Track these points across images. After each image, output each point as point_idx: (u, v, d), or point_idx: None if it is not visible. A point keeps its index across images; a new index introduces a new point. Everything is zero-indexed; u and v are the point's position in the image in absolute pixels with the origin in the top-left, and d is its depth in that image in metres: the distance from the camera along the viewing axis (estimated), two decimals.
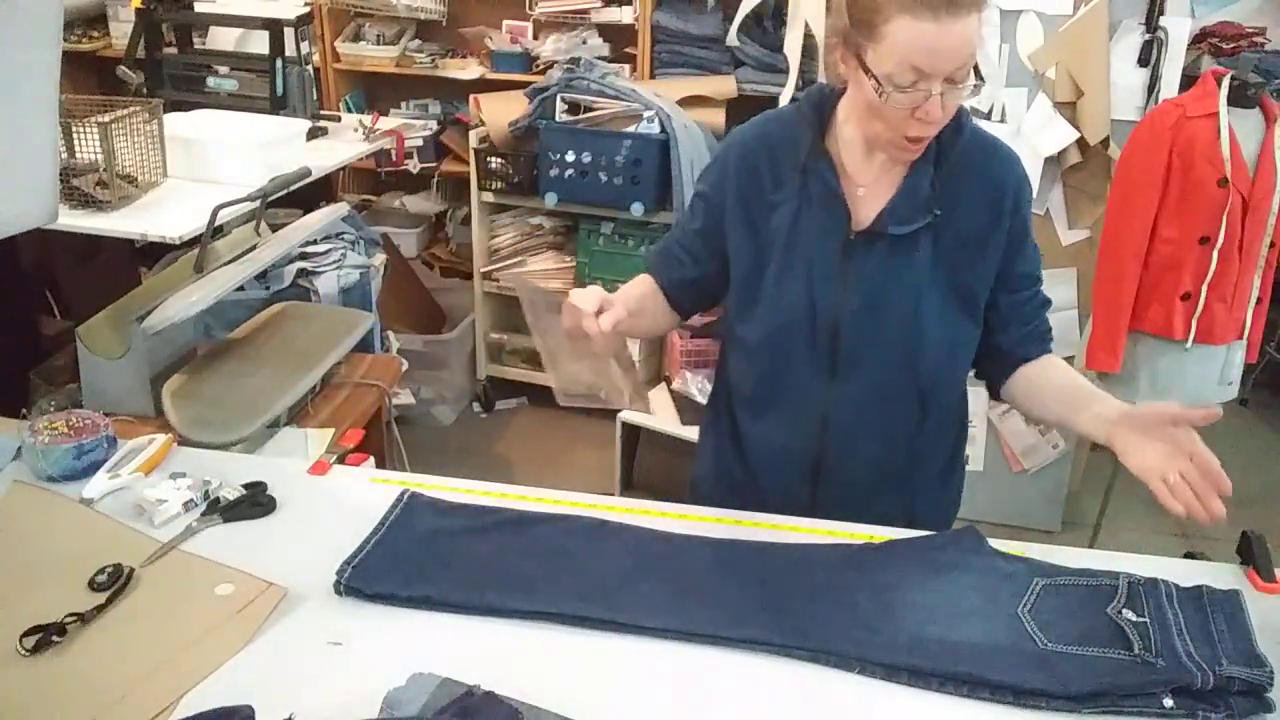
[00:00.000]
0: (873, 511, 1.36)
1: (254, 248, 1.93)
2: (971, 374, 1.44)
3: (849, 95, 1.28)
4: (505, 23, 3.87)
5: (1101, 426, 1.23)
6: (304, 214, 2.26)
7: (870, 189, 1.31)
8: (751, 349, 1.38)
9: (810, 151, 1.31)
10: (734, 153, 1.37)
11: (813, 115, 1.32)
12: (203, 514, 1.31)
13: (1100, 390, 1.31)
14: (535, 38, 3.82)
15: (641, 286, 1.46)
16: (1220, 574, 1.22)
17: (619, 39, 3.74)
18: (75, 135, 2.28)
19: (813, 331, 1.32)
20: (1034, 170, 2.73)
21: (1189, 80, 2.55)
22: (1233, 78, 2.31)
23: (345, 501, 1.35)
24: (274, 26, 3.07)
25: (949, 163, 1.29)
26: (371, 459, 1.54)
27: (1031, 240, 1.36)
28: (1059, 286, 2.86)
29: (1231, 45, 2.75)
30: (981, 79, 1.19)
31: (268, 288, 2.34)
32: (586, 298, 1.21)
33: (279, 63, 3.09)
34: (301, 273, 2.39)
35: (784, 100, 3.17)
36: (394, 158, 3.33)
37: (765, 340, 1.35)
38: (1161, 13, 2.61)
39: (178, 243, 2.16)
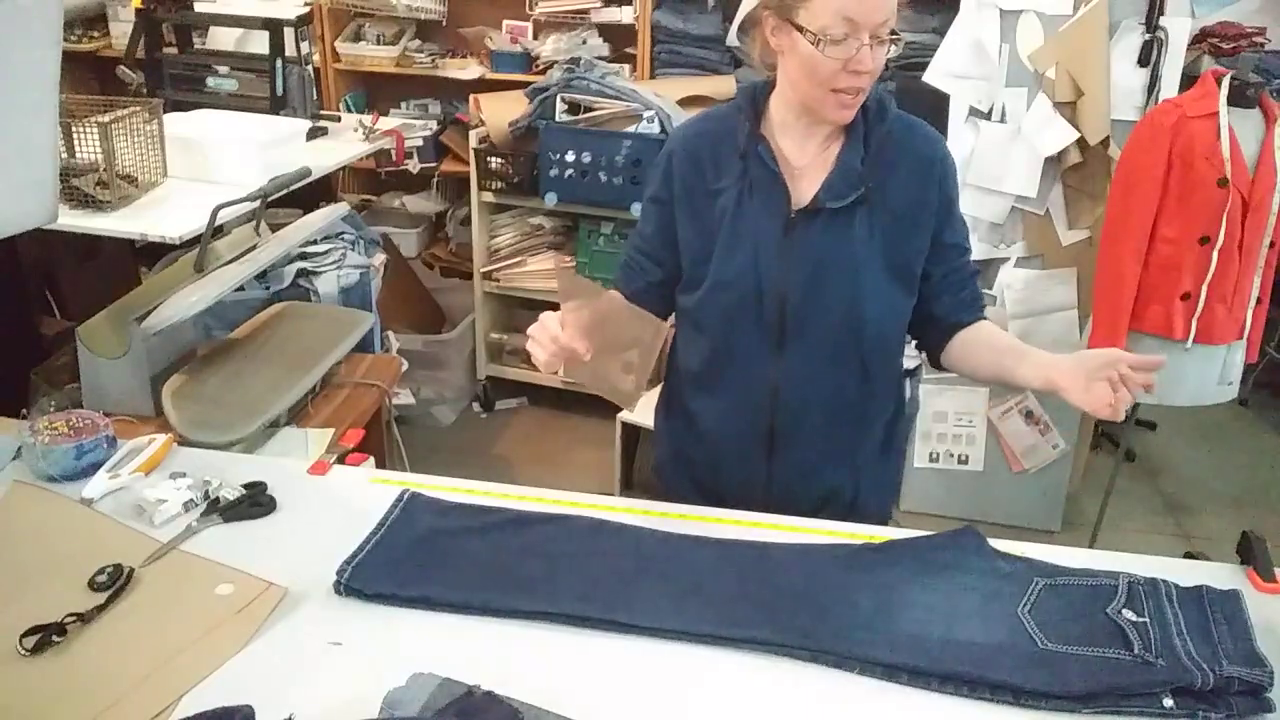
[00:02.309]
0: (823, 484, 1.47)
1: (254, 248, 1.93)
2: (920, 354, 1.54)
3: (782, 72, 1.37)
4: (505, 23, 3.87)
5: (1040, 371, 1.31)
6: (304, 214, 2.26)
7: (807, 170, 1.40)
8: (702, 326, 1.46)
9: (750, 138, 1.40)
10: (676, 150, 1.46)
11: (748, 107, 1.42)
12: (203, 514, 1.31)
13: (1031, 346, 1.39)
14: (535, 38, 3.82)
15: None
16: (1220, 574, 1.22)
17: (619, 39, 3.75)
18: (75, 135, 2.28)
19: (760, 306, 1.40)
20: (1034, 170, 2.73)
21: (1189, 80, 2.55)
22: (1233, 78, 2.31)
23: (345, 501, 1.35)
24: (274, 26, 3.07)
25: (877, 141, 1.39)
26: (371, 459, 1.54)
27: (958, 213, 1.45)
28: (1059, 286, 2.86)
29: (1231, 45, 2.75)
30: (899, 35, 1.29)
31: (268, 288, 2.34)
32: (544, 327, 1.27)
33: (279, 63, 3.09)
34: (301, 273, 2.39)
35: None
36: (394, 158, 3.33)
37: (714, 318, 1.43)
38: (1161, 13, 2.60)
39: (178, 243, 2.16)
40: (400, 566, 1.19)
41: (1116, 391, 1.20)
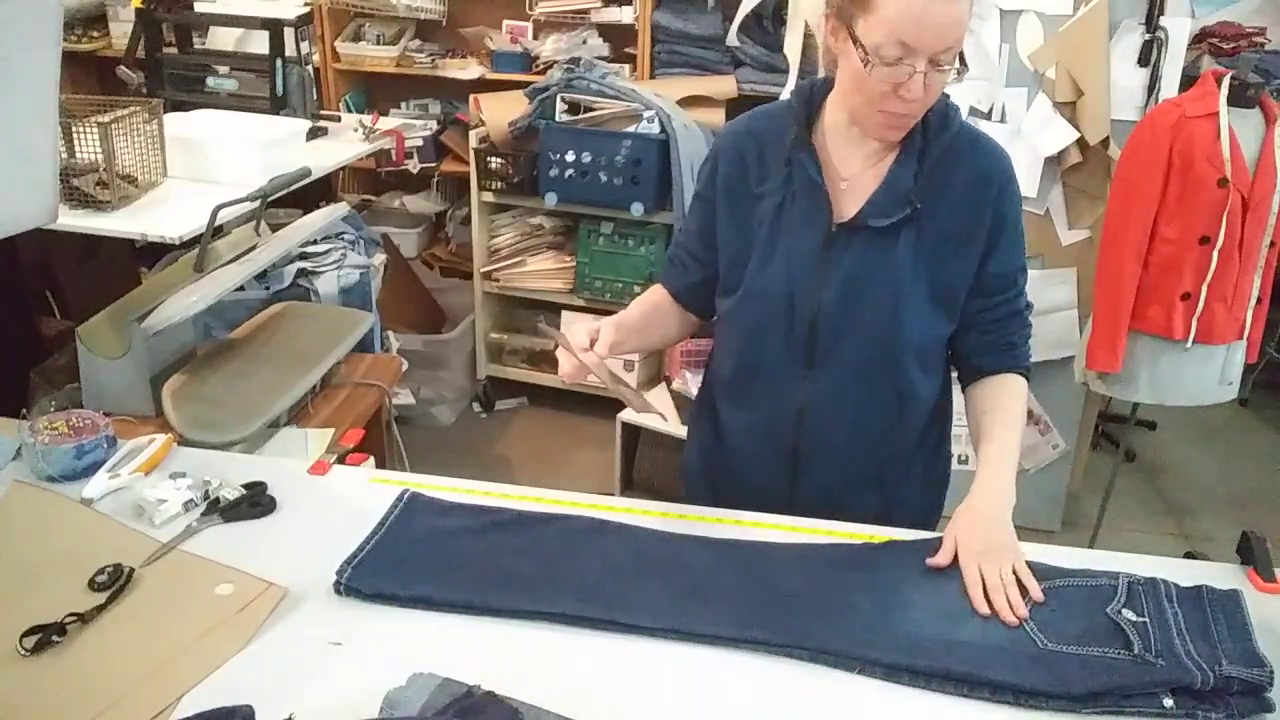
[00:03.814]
0: (849, 508, 1.37)
1: (254, 248, 1.93)
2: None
3: (837, 73, 1.29)
4: (505, 23, 3.87)
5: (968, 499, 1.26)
6: (304, 214, 2.26)
7: (854, 182, 1.32)
8: (732, 336, 1.41)
9: (795, 144, 1.32)
10: (724, 147, 1.39)
11: (801, 109, 1.34)
12: (203, 514, 1.31)
13: (994, 451, 1.29)
14: (535, 38, 3.82)
15: (647, 301, 1.48)
16: (1220, 574, 1.22)
17: (619, 39, 3.75)
18: (75, 135, 2.28)
19: (790, 321, 1.33)
20: (1034, 170, 2.73)
21: (1189, 80, 2.55)
22: (1233, 78, 2.31)
23: (345, 501, 1.35)
24: (274, 26, 3.07)
25: (934, 157, 1.29)
26: (371, 459, 1.54)
27: (1011, 240, 1.34)
28: (1059, 286, 2.86)
29: (1231, 45, 2.75)
30: (965, 65, 1.20)
31: (268, 288, 2.34)
32: (575, 334, 1.26)
33: (279, 63, 3.09)
34: (301, 273, 2.40)
35: None
36: (394, 158, 3.34)
37: (744, 328, 1.38)
38: (1161, 13, 2.60)
39: (178, 243, 2.16)
40: (400, 566, 1.19)
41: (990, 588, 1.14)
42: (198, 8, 3.49)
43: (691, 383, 3.00)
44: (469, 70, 3.89)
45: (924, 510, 1.48)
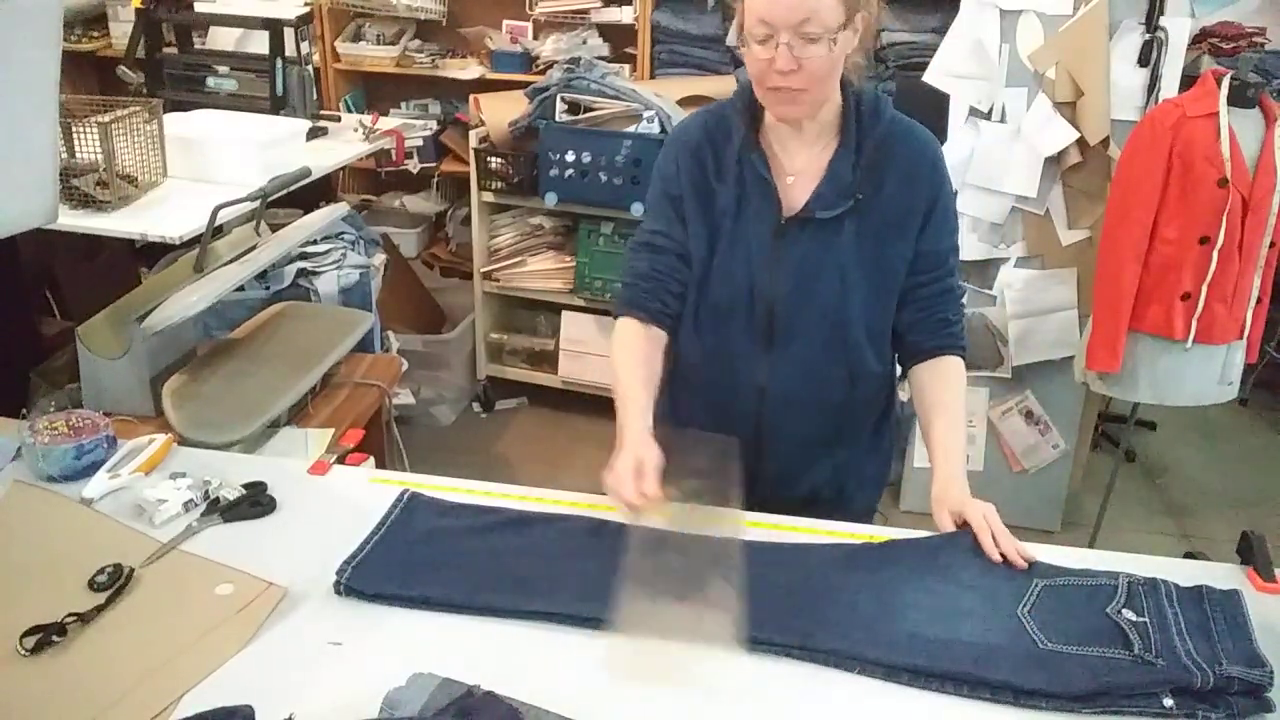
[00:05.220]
0: (808, 474, 1.50)
1: (254, 248, 1.93)
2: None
3: None
4: (505, 23, 3.87)
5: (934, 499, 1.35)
6: (304, 214, 2.26)
7: (799, 177, 1.41)
8: (698, 322, 1.47)
9: (744, 145, 1.41)
10: (681, 148, 1.46)
11: (745, 110, 1.42)
12: (203, 514, 1.31)
13: (939, 450, 1.39)
14: (535, 38, 3.82)
15: (632, 359, 1.42)
16: (1220, 574, 1.22)
17: (619, 39, 3.75)
18: (75, 135, 2.28)
19: (751, 308, 1.42)
20: (1034, 170, 2.73)
21: (1189, 80, 2.55)
22: (1233, 78, 2.31)
23: (345, 501, 1.35)
24: (274, 26, 3.07)
25: (869, 149, 1.38)
26: (371, 459, 1.54)
27: (941, 220, 1.42)
28: (1059, 286, 2.86)
29: (1231, 45, 2.75)
30: (835, 37, 1.27)
31: (268, 288, 2.34)
32: (623, 487, 1.21)
33: (279, 63, 3.09)
34: (301, 273, 2.40)
35: None
36: (394, 158, 3.33)
37: (710, 315, 1.46)
38: (1161, 13, 2.60)
39: (178, 243, 2.16)
40: (400, 566, 1.19)
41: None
42: (198, 8, 3.49)
43: None
44: (469, 70, 3.89)
45: (873, 475, 1.60)
